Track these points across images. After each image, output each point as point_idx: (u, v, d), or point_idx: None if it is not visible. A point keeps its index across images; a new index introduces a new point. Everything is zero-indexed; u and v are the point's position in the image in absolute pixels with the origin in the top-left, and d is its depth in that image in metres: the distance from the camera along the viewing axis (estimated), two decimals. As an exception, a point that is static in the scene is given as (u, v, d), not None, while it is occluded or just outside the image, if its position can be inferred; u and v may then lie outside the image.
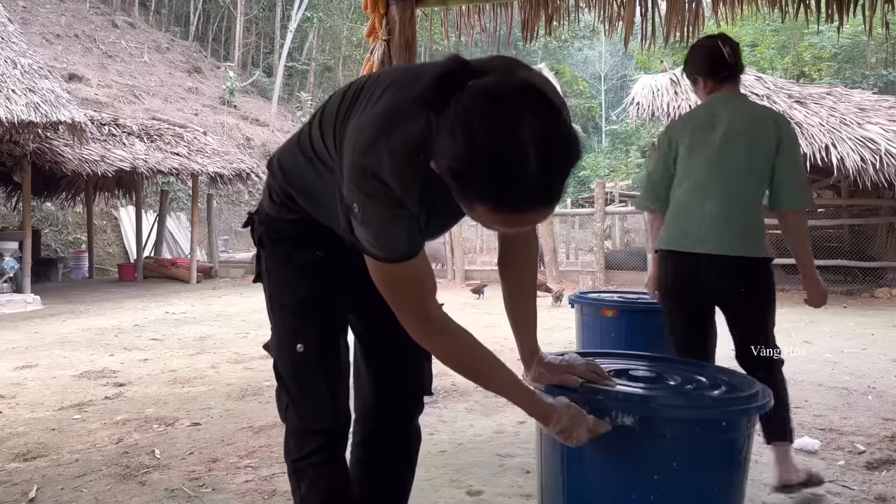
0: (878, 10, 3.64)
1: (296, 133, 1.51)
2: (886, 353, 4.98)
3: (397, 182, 1.16)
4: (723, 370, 1.61)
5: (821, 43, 16.69)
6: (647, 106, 9.92)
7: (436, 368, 1.59)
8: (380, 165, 1.16)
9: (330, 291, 1.49)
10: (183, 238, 15.90)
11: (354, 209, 1.21)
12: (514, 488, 2.42)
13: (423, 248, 1.28)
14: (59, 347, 5.68)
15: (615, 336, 3.09)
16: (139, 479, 2.58)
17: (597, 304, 3.22)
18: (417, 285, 1.29)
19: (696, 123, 2.39)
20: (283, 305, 1.53)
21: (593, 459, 1.40)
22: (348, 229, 1.26)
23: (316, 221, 1.47)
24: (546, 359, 1.49)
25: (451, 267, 11.80)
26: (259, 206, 1.59)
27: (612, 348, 2.71)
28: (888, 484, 2.48)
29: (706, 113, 2.38)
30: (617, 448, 1.36)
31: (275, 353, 1.54)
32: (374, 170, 1.16)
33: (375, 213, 1.19)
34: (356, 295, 1.52)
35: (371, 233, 1.21)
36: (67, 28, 22.27)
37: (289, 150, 1.51)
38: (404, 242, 1.23)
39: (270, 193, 1.53)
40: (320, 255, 1.49)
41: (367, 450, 1.62)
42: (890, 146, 8.55)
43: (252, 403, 3.74)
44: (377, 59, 3.75)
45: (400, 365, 1.58)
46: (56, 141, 9.55)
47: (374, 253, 1.24)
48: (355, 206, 1.20)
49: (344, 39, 28.72)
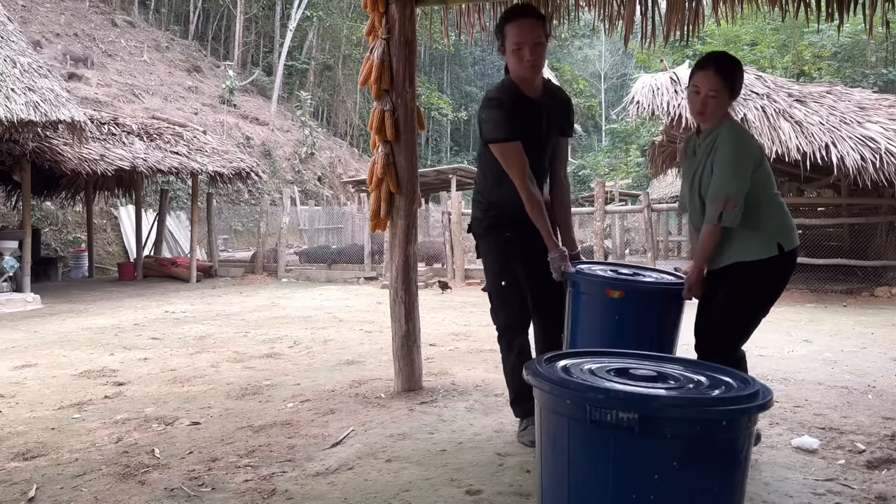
0: (878, 9, 3.63)
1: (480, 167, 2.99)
2: (886, 352, 4.97)
3: (497, 94, 2.73)
4: (723, 370, 1.61)
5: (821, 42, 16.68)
6: (647, 105, 9.92)
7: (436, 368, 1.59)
8: (492, 92, 2.77)
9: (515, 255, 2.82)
10: (183, 237, 15.90)
11: (483, 115, 2.71)
12: (514, 487, 2.42)
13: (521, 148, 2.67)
14: (59, 347, 5.68)
15: (620, 321, 2.63)
16: (139, 478, 2.58)
17: (600, 282, 2.70)
18: (521, 160, 2.68)
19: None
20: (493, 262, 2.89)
21: (594, 458, 1.40)
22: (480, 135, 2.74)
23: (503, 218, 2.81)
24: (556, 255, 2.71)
25: (451, 266, 11.79)
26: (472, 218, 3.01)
27: (616, 336, 2.57)
28: (888, 483, 2.48)
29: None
30: (617, 447, 1.35)
31: (490, 289, 2.91)
32: (488, 95, 2.77)
33: (492, 111, 2.68)
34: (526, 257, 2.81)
35: (492, 125, 2.68)
36: (67, 27, 22.25)
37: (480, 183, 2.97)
38: (510, 127, 2.65)
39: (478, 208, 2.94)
40: (507, 235, 2.82)
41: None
42: (890, 145, 8.54)
43: (252, 402, 3.74)
44: (377, 58, 3.75)
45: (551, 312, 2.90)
46: (56, 140, 9.54)
47: (495, 136, 2.67)
48: (483, 115, 2.70)
49: (344, 38, 28.68)
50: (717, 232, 2.50)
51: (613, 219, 15.80)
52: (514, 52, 2.63)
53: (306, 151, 23.90)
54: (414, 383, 3.86)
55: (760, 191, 2.52)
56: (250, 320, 7.24)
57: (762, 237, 2.52)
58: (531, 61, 2.62)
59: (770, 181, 2.59)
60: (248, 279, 12.43)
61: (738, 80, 2.60)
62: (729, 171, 2.47)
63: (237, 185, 13.42)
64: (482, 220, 2.90)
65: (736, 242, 2.52)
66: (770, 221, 2.54)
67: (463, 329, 6.40)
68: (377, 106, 3.79)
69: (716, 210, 2.47)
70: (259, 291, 10.58)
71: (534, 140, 2.72)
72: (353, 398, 3.75)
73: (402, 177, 3.81)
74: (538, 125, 2.75)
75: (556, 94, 2.88)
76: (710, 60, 2.57)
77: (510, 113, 2.64)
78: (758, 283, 2.53)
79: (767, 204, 2.55)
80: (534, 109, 2.73)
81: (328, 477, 2.57)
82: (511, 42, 2.63)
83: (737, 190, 2.45)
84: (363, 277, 12.19)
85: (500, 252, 2.85)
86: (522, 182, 2.65)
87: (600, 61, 38.56)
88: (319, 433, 3.11)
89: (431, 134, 34.66)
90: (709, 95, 2.52)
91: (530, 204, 2.66)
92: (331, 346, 5.56)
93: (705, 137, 2.59)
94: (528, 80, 2.71)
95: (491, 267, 2.89)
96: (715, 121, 2.56)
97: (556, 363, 1.61)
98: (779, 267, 2.55)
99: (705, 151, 2.57)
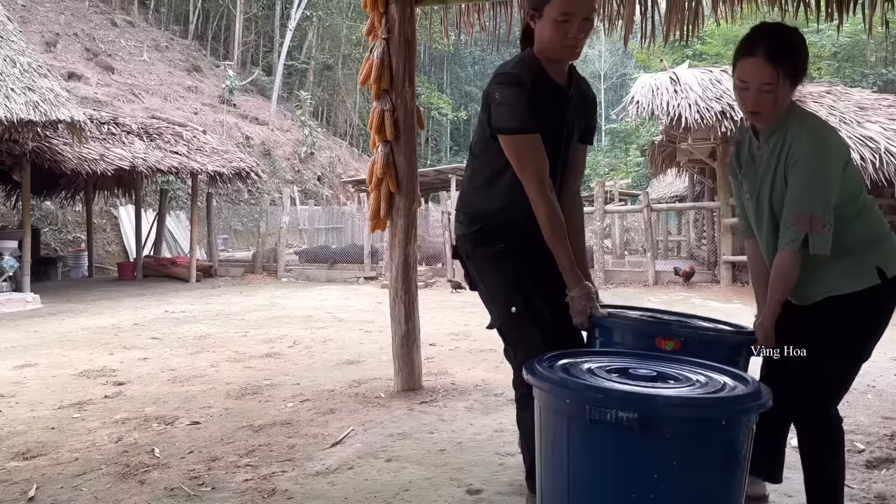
0: (877, 9, 3.63)
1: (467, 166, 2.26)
2: (886, 352, 4.96)
3: (515, 70, 1.99)
4: (723, 370, 1.61)
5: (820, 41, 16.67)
6: (646, 104, 9.94)
7: (436, 368, 1.60)
8: (506, 66, 2.03)
9: (518, 269, 2.07)
10: (182, 237, 15.89)
11: (495, 96, 1.98)
12: (514, 487, 2.42)
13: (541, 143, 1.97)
14: (59, 346, 5.68)
15: None
16: (139, 477, 2.58)
17: (646, 329, 2.03)
18: (537, 158, 1.98)
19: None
20: (494, 287, 2.13)
21: (593, 458, 1.40)
22: (488, 123, 2.02)
23: (491, 228, 2.11)
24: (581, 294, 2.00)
25: (450, 266, 11.80)
26: (455, 238, 2.28)
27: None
28: (888, 482, 2.48)
29: None
30: (617, 447, 1.36)
31: (498, 323, 2.14)
32: (503, 70, 2.02)
33: (507, 91, 1.97)
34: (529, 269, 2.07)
35: (505, 108, 1.97)
36: (67, 27, 22.24)
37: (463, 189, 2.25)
38: (526, 115, 1.94)
39: (459, 222, 2.20)
40: (501, 247, 2.09)
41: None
42: (889, 145, 8.55)
43: (251, 402, 3.74)
44: (377, 58, 3.75)
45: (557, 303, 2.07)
46: (55, 140, 9.53)
47: (508, 126, 1.97)
48: (496, 94, 1.98)
49: (343, 38, 28.69)
50: (798, 260, 1.89)
51: (613, 218, 15.82)
52: (558, 22, 1.91)
53: (306, 151, 23.90)
54: (414, 383, 3.86)
55: (847, 200, 1.92)
56: (250, 320, 7.24)
57: (855, 262, 1.93)
58: (576, 40, 1.95)
59: (858, 186, 1.98)
60: (248, 279, 12.43)
61: (801, 60, 1.92)
62: (812, 182, 1.86)
63: (237, 185, 13.42)
64: (466, 237, 2.17)
65: (822, 271, 1.93)
66: (863, 239, 1.95)
67: (463, 329, 6.40)
68: (377, 106, 3.79)
69: (798, 233, 1.86)
70: (259, 291, 10.57)
71: (553, 139, 2.04)
72: (352, 398, 3.75)
73: (401, 177, 3.81)
74: (561, 120, 2.08)
75: (582, 88, 2.18)
76: (758, 43, 1.88)
77: (531, 97, 1.95)
78: (856, 322, 1.94)
79: (856, 216, 1.94)
80: (560, 99, 2.06)
81: (328, 476, 2.57)
82: (557, 8, 1.91)
83: (824, 205, 1.85)
84: (363, 277, 12.19)
85: (497, 271, 2.12)
86: (539, 190, 1.96)
87: (600, 61, 38.57)
88: (319, 433, 3.11)
89: (431, 134, 34.67)
90: (762, 90, 1.88)
91: (550, 222, 1.96)
92: (331, 346, 5.56)
93: (768, 137, 1.98)
94: (559, 64, 2.05)
95: (492, 294, 2.15)
96: (777, 117, 1.95)
97: (556, 363, 1.62)
98: (882, 299, 1.95)
99: (772, 157, 1.96)
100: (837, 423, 1.96)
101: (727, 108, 9.21)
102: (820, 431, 1.95)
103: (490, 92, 2.02)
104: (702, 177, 13.63)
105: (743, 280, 10.27)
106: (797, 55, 1.90)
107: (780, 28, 1.95)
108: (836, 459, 1.95)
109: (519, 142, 1.97)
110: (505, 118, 1.97)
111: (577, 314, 1.99)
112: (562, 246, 1.98)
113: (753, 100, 1.91)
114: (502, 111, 1.97)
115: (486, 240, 2.12)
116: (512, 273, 2.08)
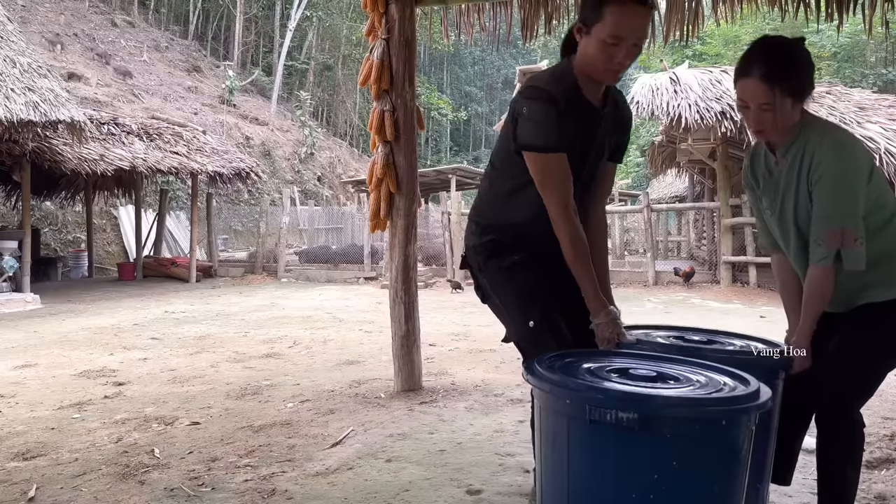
0: (877, 9, 3.63)
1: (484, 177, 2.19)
2: (886, 352, 4.96)
3: (548, 86, 1.88)
4: (722, 370, 1.61)
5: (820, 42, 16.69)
6: (646, 105, 9.94)
7: (436, 368, 1.60)
8: (540, 80, 1.93)
9: (536, 280, 2.00)
10: (182, 237, 15.90)
11: (523, 111, 1.89)
12: (514, 487, 2.42)
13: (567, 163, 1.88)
14: (59, 346, 5.68)
15: None
16: (138, 478, 2.58)
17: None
18: (563, 177, 1.89)
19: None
20: (509, 301, 2.05)
21: (593, 458, 1.40)
22: (514, 137, 1.92)
23: (505, 239, 2.04)
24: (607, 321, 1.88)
25: (450, 266, 11.80)
26: (465, 249, 2.18)
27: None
28: (888, 483, 2.48)
29: None
30: (617, 447, 1.35)
31: (515, 337, 2.06)
32: (535, 84, 1.91)
33: (536, 107, 1.87)
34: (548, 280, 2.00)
35: (533, 125, 1.87)
36: (67, 27, 22.24)
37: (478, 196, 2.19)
38: (554, 134, 1.85)
39: (471, 231, 2.13)
40: (516, 259, 2.02)
41: None
42: (889, 145, 8.55)
43: (251, 402, 3.74)
44: (377, 58, 3.75)
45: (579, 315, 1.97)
46: (55, 140, 9.54)
47: (534, 143, 1.88)
48: (524, 109, 1.89)
49: (343, 38, 28.70)
50: (832, 276, 1.85)
51: (613, 219, 15.81)
52: (606, 44, 1.81)
53: (306, 151, 23.91)
54: (414, 383, 3.86)
55: (874, 209, 1.87)
56: (250, 320, 7.24)
57: (888, 270, 1.89)
58: (621, 66, 1.86)
59: (887, 191, 1.92)
60: (248, 279, 12.43)
61: (801, 76, 1.85)
62: (839, 197, 1.81)
63: (237, 185, 13.43)
64: (477, 248, 2.09)
65: (856, 279, 1.89)
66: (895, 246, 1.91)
67: (463, 329, 6.40)
68: (377, 106, 3.79)
69: (829, 250, 1.82)
70: (259, 291, 10.58)
71: (577, 160, 1.95)
72: (352, 398, 3.75)
73: (401, 177, 3.81)
74: (589, 142, 1.99)
75: (619, 106, 2.08)
76: (753, 63, 1.84)
77: (561, 115, 1.86)
78: (885, 328, 1.91)
79: (887, 223, 1.90)
80: (591, 119, 1.96)
81: (328, 477, 2.57)
82: (607, 29, 1.79)
83: (854, 219, 1.81)
84: (363, 277, 12.19)
85: (511, 284, 2.04)
86: (562, 211, 1.88)
87: (600, 61, 38.49)
88: (319, 433, 3.11)
89: (431, 134, 34.68)
90: (762, 109, 1.84)
91: (573, 245, 1.88)
92: (331, 346, 5.56)
93: (785, 152, 1.92)
94: (596, 84, 1.95)
95: (508, 306, 2.07)
96: (788, 130, 1.89)
97: (556, 363, 1.61)
98: None
99: (792, 171, 1.90)
100: (859, 429, 1.93)
101: (727, 108, 9.21)
102: (840, 433, 1.93)
103: (519, 105, 1.93)
104: (702, 177, 13.64)
105: (743, 280, 10.27)
106: (795, 72, 1.84)
107: (777, 44, 1.87)
108: (853, 464, 1.93)
109: (545, 161, 1.89)
110: (532, 135, 1.88)
111: (604, 342, 1.88)
112: (585, 270, 1.89)
113: (755, 118, 1.87)
114: (529, 127, 1.88)
115: (500, 251, 2.05)
116: (526, 286, 2.01)
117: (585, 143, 1.97)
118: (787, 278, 2.08)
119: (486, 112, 38.74)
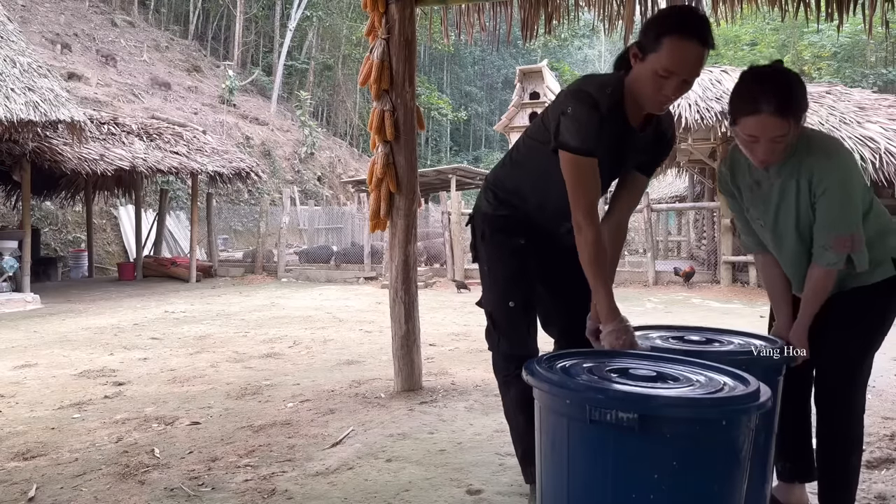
0: (877, 9, 3.63)
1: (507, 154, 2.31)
2: (886, 352, 4.94)
3: (597, 94, 1.89)
4: (722, 369, 1.61)
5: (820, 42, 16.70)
6: (646, 105, 9.90)
7: (436, 368, 1.60)
8: (590, 85, 1.93)
9: (529, 268, 2.20)
10: (182, 237, 15.90)
11: (567, 110, 1.91)
12: (514, 487, 2.42)
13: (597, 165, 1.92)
14: (59, 346, 5.68)
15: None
16: (139, 478, 2.58)
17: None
18: (593, 182, 1.93)
19: None
20: (500, 277, 2.23)
21: (593, 458, 1.40)
22: (555, 134, 1.94)
23: (518, 217, 2.19)
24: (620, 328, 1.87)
25: (451, 266, 11.80)
26: (475, 210, 2.32)
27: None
28: (888, 483, 2.48)
29: None
30: (617, 447, 1.35)
31: (490, 307, 2.26)
32: (585, 86, 1.93)
33: (581, 108, 1.89)
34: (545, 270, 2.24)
35: (574, 123, 1.89)
36: (67, 27, 22.24)
37: (500, 166, 2.32)
38: (592, 137, 1.88)
39: (487, 199, 2.26)
40: (522, 243, 2.19)
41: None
42: (889, 145, 8.55)
43: (251, 402, 3.74)
44: (377, 58, 3.75)
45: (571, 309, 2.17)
46: (55, 140, 9.54)
47: (571, 143, 1.90)
48: (569, 108, 1.91)
49: (343, 38, 28.71)
50: (836, 276, 1.97)
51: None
52: (658, 75, 1.84)
53: (306, 151, 23.91)
54: (414, 383, 3.86)
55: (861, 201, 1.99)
56: (250, 320, 7.24)
57: (872, 255, 1.97)
58: (668, 99, 1.90)
59: (866, 185, 2.05)
60: (248, 279, 12.43)
61: (803, 101, 1.89)
62: (846, 207, 1.90)
63: (237, 185, 13.46)
64: (490, 216, 2.22)
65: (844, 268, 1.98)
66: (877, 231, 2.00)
67: (463, 329, 6.40)
68: (377, 106, 3.79)
69: (839, 255, 1.91)
70: (259, 291, 10.58)
71: (601, 172, 1.98)
72: (352, 398, 3.75)
73: (401, 177, 3.81)
74: (616, 162, 2.05)
75: (662, 127, 2.11)
76: (761, 101, 1.81)
77: (601, 123, 1.89)
78: (873, 309, 2.02)
79: (868, 212, 2.00)
80: (623, 138, 2.00)
81: (328, 477, 2.57)
82: (661, 62, 1.82)
83: (859, 223, 1.91)
84: (363, 277, 12.19)
85: (511, 264, 2.19)
86: (588, 214, 1.89)
87: (600, 61, 38.58)
88: (319, 433, 3.11)
89: (431, 134, 34.67)
90: (775, 141, 1.84)
91: (593, 248, 1.88)
92: (331, 346, 5.56)
93: (780, 168, 1.96)
94: (640, 107, 1.97)
95: (496, 280, 2.22)
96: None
97: (555, 363, 1.61)
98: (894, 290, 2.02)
99: (789, 185, 1.96)
100: (859, 413, 2.01)
101: (727, 108, 9.20)
102: (840, 417, 2.00)
103: (565, 103, 1.94)
104: (702, 177, 13.63)
105: (743, 280, 10.27)
106: (801, 100, 1.86)
107: (775, 75, 1.88)
108: (854, 449, 2.01)
109: (579, 163, 1.91)
110: (573, 135, 1.90)
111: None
112: (600, 275, 1.89)
113: (765, 150, 1.87)
114: (571, 126, 1.90)
115: (509, 230, 2.20)
116: (520, 270, 2.19)
117: (613, 159, 2.02)
118: (773, 275, 2.17)
119: (486, 112, 38.71)
